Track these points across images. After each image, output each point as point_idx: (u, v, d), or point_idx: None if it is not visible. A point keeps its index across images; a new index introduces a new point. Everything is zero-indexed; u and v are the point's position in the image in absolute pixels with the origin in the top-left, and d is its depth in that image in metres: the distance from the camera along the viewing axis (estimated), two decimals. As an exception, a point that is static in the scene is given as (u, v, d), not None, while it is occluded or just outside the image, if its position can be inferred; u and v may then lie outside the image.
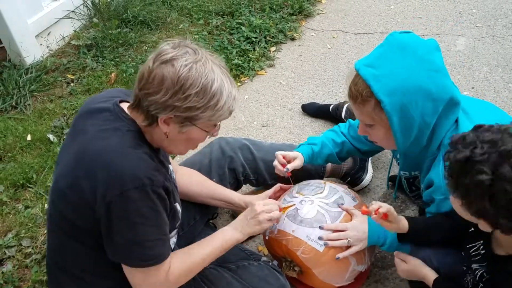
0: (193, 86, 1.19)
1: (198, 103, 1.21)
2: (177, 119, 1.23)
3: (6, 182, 2.20)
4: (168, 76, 1.18)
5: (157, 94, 1.19)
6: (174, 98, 1.19)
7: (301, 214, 1.57)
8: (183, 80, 1.18)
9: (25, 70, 2.84)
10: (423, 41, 1.39)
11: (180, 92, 1.19)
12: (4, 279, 1.81)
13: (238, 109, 2.63)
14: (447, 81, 1.38)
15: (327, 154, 1.79)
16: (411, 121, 1.35)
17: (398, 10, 3.39)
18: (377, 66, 1.36)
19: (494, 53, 2.85)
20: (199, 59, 1.21)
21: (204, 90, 1.20)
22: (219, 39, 3.10)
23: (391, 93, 1.32)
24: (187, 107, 1.20)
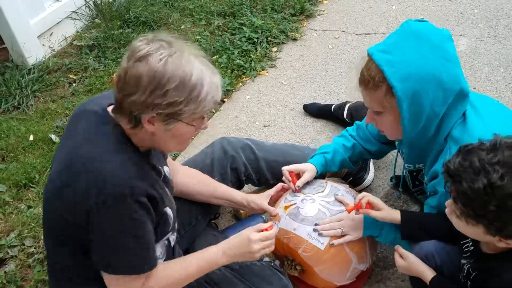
0: (171, 81, 1.15)
1: (179, 97, 1.16)
2: (161, 117, 1.19)
3: (8, 182, 2.21)
4: (143, 74, 1.14)
5: (135, 94, 1.15)
6: (153, 96, 1.15)
7: (302, 213, 1.57)
8: (159, 76, 1.14)
9: (27, 71, 2.85)
10: (438, 30, 1.39)
11: (158, 89, 1.14)
12: (7, 278, 1.81)
13: (240, 110, 2.64)
14: (458, 71, 1.38)
15: (340, 160, 1.79)
16: (420, 109, 1.34)
17: (400, 10, 3.39)
18: (392, 52, 1.35)
19: (496, 54, 2.85)
20: (174, 52, 1.16)
21: (182, 84, 1.16)
22: (220, 40, 3.10)
23: (404, 79, 1.31)
24: (168, 103, 1.16)
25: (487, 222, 1.09)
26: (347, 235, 1.54)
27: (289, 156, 1.90)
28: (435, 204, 1.47)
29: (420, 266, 1.40)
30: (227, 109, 2.66)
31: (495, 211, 1.05)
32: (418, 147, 1.52)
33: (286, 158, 1.87)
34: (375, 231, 1.56)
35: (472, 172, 1.07)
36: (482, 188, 1.04)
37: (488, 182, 1.04)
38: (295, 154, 1.93)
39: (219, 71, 2.81)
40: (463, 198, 1.10)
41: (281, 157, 1.89)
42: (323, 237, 1.53)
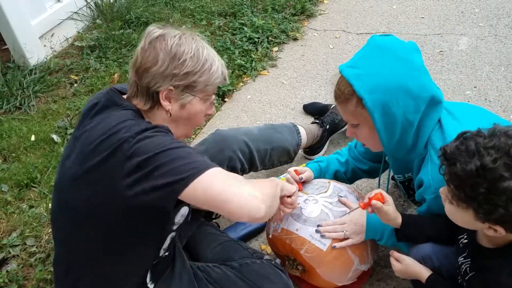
0: (187, 52, 1.26)
1: (195, 67, 1.27)
2: (177, 91, 1.28)
3: (10, 182, 2.21)
4: (161, 48, 1.26)
5: (155, 66, 1.25)
6: (171, 66, 1.25)
7: (305, 213, 1.57)
8: (176, 47, 1.26)
9: (29, 71, 2.86)
10: (403, 43, 1.43)
11: (176, 58, 1.25)
12: (9, 278, 1.82)
13: (241, 109, 2.64)
14: (427, 80, 1.41)
15: (334, 170, 1.83)
16: (393, 118, 1.38)
17: (400, 10, 3.40)
18: (358, 66, 1.40)
19: (497, 52, 2.85)
20: (185, 33, 1.30)
21: (197, 55, 1.28)
22: (221, 40, 3.11)
23: (371, 91, 1.36)
24: (185, 73, 1.26)
25: (477, 205, 1.10)
26: (349, 239, 1.54)
27: (274, 142, 2.00)
28: (424, 210, 1.50)
29: (416, 267, 1.40)
30: (228, 108, 2.67)
31: (485, 193, 1.06)
32: (401, 158, 1.55)
33: (272, 145, 1.98)
34: (377, 235, 1.56)
35: (467, 154, 1.09)
36: (474, 170, 1.06)
37: (480, 164, 1.05)
38: (279, 138, 2.03)
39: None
40: (455, 180, 1.12)
41: (268, 145, 1.97)
42: (325, 238, 1.53)
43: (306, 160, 2.24)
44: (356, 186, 2.10)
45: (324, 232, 1.53)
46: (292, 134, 2.09)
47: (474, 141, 1.10)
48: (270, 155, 1.98)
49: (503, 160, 1.05)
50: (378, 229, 1.55)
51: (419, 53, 1.43)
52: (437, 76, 2.70)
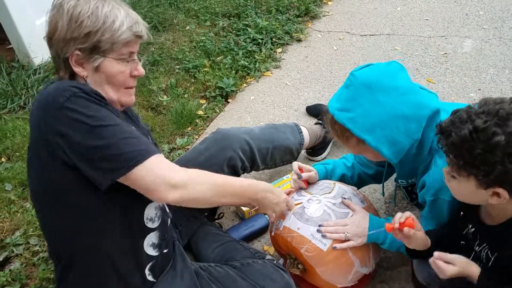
0: (83, 12, 1.23)
1: (94, 26, 1.23)
2: (85, 55, 1.25)
3: (14, 181, 2.22)
4: (60, 14, 1.24)
5: (56, 32, 1.24)
6: (70, 30, 1.23)
7: (307, 213, 1.57)
8: (71, 10, 1.23)
9: (33, 71, 2.87)
10: (384, 70, 1.43)
11: (73, 21, 1.23)
12: (12, 277, 1.82)
13: (244, 110, 2.64)
14: (419, 98, 1.42)
15: (340, 174, 1.82)
16: (398, 145, 1.41)
17: (404, 12, 3.39)
18: (349, 109, 1.41)
19: (501, 55, 2.84)
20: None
21: (95, 13, 1.23)
22: (225, 41, 3.11)
23: (370, 131, 1.38)
24: (85, 34, 1.23)
25: (476, 170, 1.12)
26: (351, 241, 1.53)
27: (276, 141, 2.00)
28: (425, 212, 1.50)
29: (472, 265, 1.26)
30: (231, 109, 2.67)
31: (481, 153, 1.10)
32: (406, 165, 1.56)
33: (274, 144, 1.98)
34: (379, 239, 1.56)
35: (459, 122, 1.14)
36: (468, 133, 1.11)
37: (473, 127, 1.10)
38: (281, 137, 2.03)
39: (224, 72, 2.84)
40: (453, 149, 1.15)
41: (270, 144, 1.97)
42: (326, 238, 1.53)
43: (309, 162, 2.24)
44: (359, 188, 2.10)
45: (325, 232, 1.53)
46: (294, 134, 2.09)
47: (466, 111, 1.15)
48: (272, 154, 1.98)
49: (494, 121, 1.10)
50: (381, 233, 1.54)
51: (403, 71, 1.44)
52: (441, 78, 2.69)
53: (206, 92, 2.75)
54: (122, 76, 1.31)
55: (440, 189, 1.39)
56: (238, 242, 1.78)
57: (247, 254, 1.67)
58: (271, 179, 2.14)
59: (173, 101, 2.66)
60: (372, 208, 1.69)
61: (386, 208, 2.01)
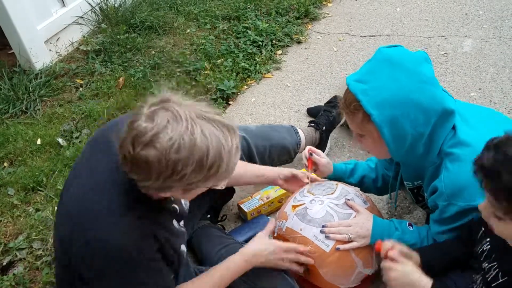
0: (187, 166, 1.04)
1: (197, 178, 1.08)
2: (179, 189, 1.13)
3: (17, 186, 2.23)
4: (154, 161, 1.02)
5: (149, 181, 1.06)
6: (169, 181, 1.06)
7: (310, 214, 1.57)
8: (173, 163, 1.03)
9: (34, 76, 2.88)
10: (412, 54, 1.41)
11: (174, 174, 1.05)
12: (16, 281, 1.82)
13: (245, 112, 2.65)
14: (437, 92, 1.39)
15: (361, 175, 1.81)
16: (402, 132, 1.37)
17: (404, 12, 3.40)
18: (366, 80, 1.38)
19: (501, 54, 2.85)
20: (185, 129, 1.03)
21: (200, 166, 1.05)
22: (225, 43, 3.12)
23: (379, 106, 1.35)
24: (186, 184, 1.09)
25: None
26: (354, 242, 1.53)
27: (273, 139, 2.01)
28: (436, 218, 1.48)
29: (415, 274, 1.26)
30: (232, 111, 2.68)
31: None
32: (412, 166, 1.54)
33: (271, 142, 1.99)
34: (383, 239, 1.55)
35: (509, 161, 0.99)
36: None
37: None
38: (278, 136, 2.04)
39: (225, 74, 2.84)
40: (506, 193, 1.01)
41: (267, 142, 1.98)
42: (329, 239, 1.53)
43: (311, 163, 2.24)
44: (361, 189, 2.10)
45: (328, 233, 1.53)
46: (290, 134, 2.10)
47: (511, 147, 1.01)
48: (270, 151, 1.99)
49: None
50: (385, 234, 1.53)
51: (429, 63, 1.41)
52: (442, 78, 2.70)
53: (207, 95, 2.75)
54: None
55: (453, 194, 1.37)
56: (241, 244, 1.78)
57: None
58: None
59: (174, 104, 2.66)
60: (376, 209, 1.69)
61: (388, 209, 2.01)
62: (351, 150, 2.32)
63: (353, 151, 2.31)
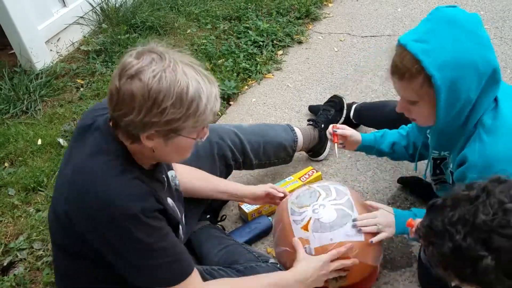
0: (167, 98, 1.09)
1: (177, 114, 1.11)
2: (160, 134, 1.15)
3: (17, 186, 2.23)
4: (137, 93, 1.08)
5: (131, 114, 1.10)
6: (150, 115, 1.10)
7: (325, 221, 1.54)
8: (154, 93, 1.08)
9: (35, 76, 2.88)
10: (470, 15, 1.37)
11: (154, 107, 1.09)
12: (16, 281, 1.82)
13: (246, 112, 2.65)
14: (492, 55, 1.36)
15: (391, 141, 1.77)
16: (457, 96, 1.33)
17: (405, 13, 3.40)
18: (426, 40, 1.32)
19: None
20: (168, 65, 1.10)
21: (180, 99, 1.10)
22: (226, 43, 3.12)
23: (441, 68, 1.29)
24: (166, 121, 1.12)
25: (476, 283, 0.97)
26: (383, 232, 1.54)
27: (267, 136, 2.00)
28: None
29: None
30: (233, 111, 2.68)
31: (471, 275, 0.94)
32: (447, 134, 1.49)
33: (265, 138, 1.98)
34: (407, 230, 1.52)
35: (437, 236, 0.98)
36: (449, 253, 0.95)
37: (453, 246, 0.94)
38: (272, 133, 2.03)
39: (225, 74, 2.84)
40: (440, 262, 1.00)
41: (261, 138, 1.97)
42: (359, 233, 1.54)
43: (312, 163, 2.24)
44: (361, 189, 2.10)
45: (360, 226, 1.53)
46: (286, 131, 2.09)
47: (441, 217, 0.98)
48: (264, 148, 1.97)
49: (473, 235, 0.92)
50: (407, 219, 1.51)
51: (483, 25, 1.37)
52: (443, 79, 2.69)
53: (207, 95, 2.75)
54: (190, 146, 1.25)
55: (486, 167, 1.33)
56: (241, 245, 1.78)
57: (250, 257, 1.67)
58: (274, 181, 2.13)
59: (175, 104, 2.66)
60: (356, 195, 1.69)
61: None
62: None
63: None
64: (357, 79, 2.81)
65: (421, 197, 2.03)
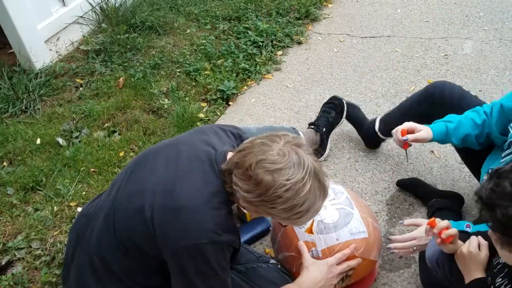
0: (283, 203, 1.20)
1: (280, 215, 1.24)
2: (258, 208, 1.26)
3: (16, 185, 2.22)
4: (264, 184, 1.19)
5: (247, 193, 1.22)
6: (260, 202, 1.22)
7: (329, 221, 1.55)
8: (276, 196, 1.19)
9: (34, 75, 2.87)
10: None
11: (269, 202, 1.21)
12: (14, 280, 1.82)
13: (245, 113, 2.65)
14: None
15: (464, 134, 1.69)
16: None
17: (404, 14, 3.40)
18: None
19: (502, 56, 2.85)
20: (302, 178, 1.19)
21: (291, 208, 1.21)
22: (226, 44, 3.12)
23: None
24: (270, 213, 1.25)
25: None
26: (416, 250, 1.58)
27: None
28: None
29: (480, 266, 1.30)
30: (232, 112, 2.67)
31: None
32: None
33: None
34: None
35: (504, 198, 1.01)
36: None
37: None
38: None
39: (225, 75, 2.84)
40: (500, 226, 1.04)
41: None
42: (362, 226, 1.55)
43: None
44: (360, 190, 2.10)
45: (395, 249, 1.57)
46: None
47: (510, 180, 1.02)
48: None
49: None
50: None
51: None
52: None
53: (207, 95, 2.75)
54: None
55: None
56: (242, 245, 1.77)
57: (251, 258, 1.67)
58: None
59: (174, 104, 2.66)
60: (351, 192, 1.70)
61: (388, 210, 2.01)
62: (350, 151, 2.32)
63: (352, 152, 2.31)
64: (356, 79, 2.81)
65: (420, 198, 2.04)
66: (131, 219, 1.31)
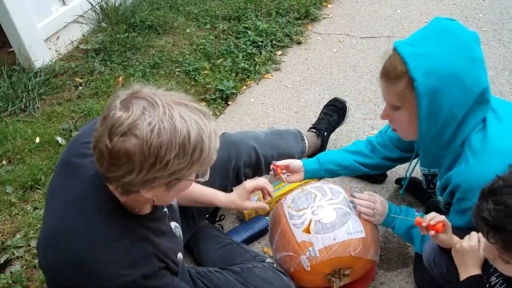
0: (170, 150, 0.98)
1: (182, 164, 1.02)
2: (162, 184, 1.06)
3: (15, 184, 2.23)
4: (135, 151, 0.96)
5: (131, 174, 0.99)
6: (152, 171, 1.00)
7: (326, 221, 1.55)
8: (155, 149, 0.97)
9: (34, 74, 2.88)
10: (466, 30, 1.36)
11: (157, 162, 0.99)
12: (13, 279, 1.82)
13: (244, 112, 2.65)
14: (483, 73, 1.35)
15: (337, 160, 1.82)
16: (439, 109, 1.31)
17: (404, 14, 3.40)
18: (417, 45, 1.32)
19: (501, 57, 2.85)
20: (163, 113, 0.98)
21: (183, 149, 1.00)
22: (225, 43, 3.12)
23: (426, 74, 1.29)
24: (170, 173, 1.02)
25: None
26: (372, 218, 1.59)
27: (280, 148, 1.98)
28: (464, 223, 1.40)
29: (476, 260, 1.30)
30: (231, 111, 2.68)
31: None
32: (433, 152, 1.49)
33: (278, 151, 1.96)
34: (391, 223, 1.61)
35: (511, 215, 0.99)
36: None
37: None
38: (284, 145, 2.01)
39: (224, 74, 2.84)
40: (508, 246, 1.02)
41: (275, 151, 1.96)
42: (359, 225, 1.55)
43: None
44: (358, 190, 2.10)
45: (357, 204, 1.57)
46: (297, 141, 2.07)
47: (509, 195, 1.00)
48: (276, 160, 1.95)
49: None
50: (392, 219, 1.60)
51: (479, 44, 1.36)
52: (441, 80, 2.70)
53: (206, 95, 2.75)
54: (189, 186, 1.17)
55: (470, 190, 1.33)
56: (239, 244, 1.78)
57: (247, 257, 1.68)
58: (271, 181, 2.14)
59: (173, 104, 2.66)
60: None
61: (386, 210, 2.02)
62: (349, 151, 2.32)
63: (351, 152, 2.31)
64: (355, 80, 2.82)
65: (418, 197, 2.04)
66: None
